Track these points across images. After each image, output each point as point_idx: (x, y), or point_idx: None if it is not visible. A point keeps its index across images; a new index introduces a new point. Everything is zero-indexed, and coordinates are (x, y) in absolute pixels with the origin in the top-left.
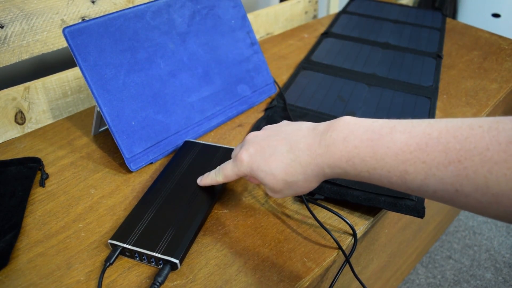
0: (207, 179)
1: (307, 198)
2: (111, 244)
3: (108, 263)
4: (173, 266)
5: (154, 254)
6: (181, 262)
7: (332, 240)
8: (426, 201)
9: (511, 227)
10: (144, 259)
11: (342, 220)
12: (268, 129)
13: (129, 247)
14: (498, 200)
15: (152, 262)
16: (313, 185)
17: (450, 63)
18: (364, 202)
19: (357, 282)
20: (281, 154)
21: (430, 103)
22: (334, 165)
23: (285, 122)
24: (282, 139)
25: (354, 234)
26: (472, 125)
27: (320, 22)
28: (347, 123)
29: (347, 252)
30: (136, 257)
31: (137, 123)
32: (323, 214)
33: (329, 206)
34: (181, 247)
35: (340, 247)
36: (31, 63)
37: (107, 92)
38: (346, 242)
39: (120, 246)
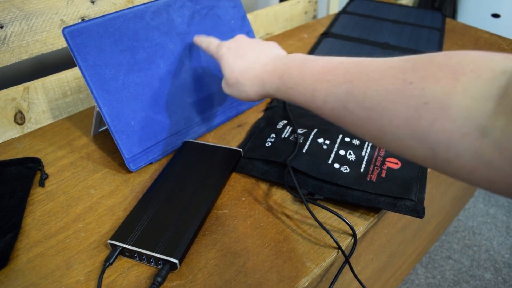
0: (201, 40)
1: (307, 198)
2: (111, 244)
3: (108, 263)
4: (173, 266)
5: (153, 254)
6: (180, 262)
7: (332, 240)
8: (425, 201)
9: (510, 227)
10: (144, 259)
11: (341, 220)
12: (256, 40)
13: (129, 247)
14: (370, 114)
15: (152, 262)
16: (253, 96)
17: None
18: (363, 203)
19: (357, 282)
20: (247, 60)
21: None
22: (272, 81)
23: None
24: (257, 50)
25: (353, 234)
26: (374, 60)
27: (319, 22)
28: (292, 55)
29: (346, 252)
30: (136, 257)
31: (136, 123)
32: (322, 214)
33: (328, 206)
34: (180, 247)
35: (339, 247)
36: (31, 63)
37: (107, 92)
38: (346, 242)
39: (120, 246)
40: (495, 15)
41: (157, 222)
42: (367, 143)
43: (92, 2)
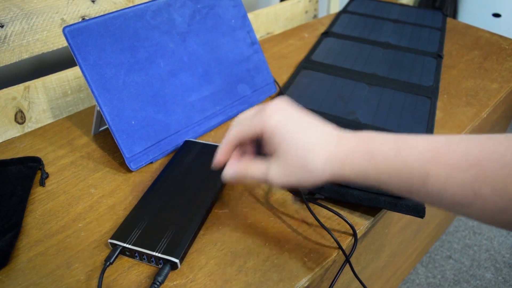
0: (223, 144)
1: (307, 198)
2: (111, 243)
3: (108, 263)
4: (173, 266)
5: (154, 253)
6: (181, 262)
7: (332, 240)
8: None
9: None
10: (144, 259)
11: (342, 220)
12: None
13: (129, 246)
14: None
15: (152, 261)
16: (320, 181)
17: (451, 63)
18: (364, 202)
19: (357, 281)
20: (314, 131)
21: (431, 103)
22: (355, 161)
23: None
24: (313, 120)
25: (354, 234)
26: (490, 136)
27: (320, 22)
28: (371, 132)
29: (347, 252)
30: (136, 256)
31: (137, 123)
32: (323, 214)
33: (329, 206)
34: (181, 246)
35: (340, 247)
36: (31, 62)
37: (107, 91)
38: (346, 241)
39: (120, 245)
40: (496, 15)
41: (157, 221)
42: None
43: (93, 1)
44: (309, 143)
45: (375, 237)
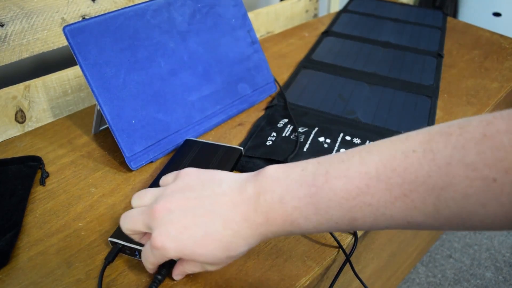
0: (148, 268)
1: None
2: (111, 242)
3: (108, 261)
4: (173, 264)
5: None
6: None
7: (333, 239)
8: None
9: None
10: None
11: None
12: (179, 192)
13: (129, 245)
14: (451, 221)
15: None
16: (254, 245)
17: (451, 62)
18: None
19: (358, 281)
20: (217, 233)
21: (431, 102)
22: (278, 231)
23: (194, 175)
24: (208, 212)
25: (354, 233)
26: (405, 152)
27: (320, 21)
28: (275, 178)
29: (347, 251)
30: (136, 255)
31: (137, 122)
32: None
33: None
34: None
35: (340, 246)
36: (31, 61)
37: (108, 90)
38: (347, 241)
39: (120, 244)
40: (496, 14)
41: None
42: (368, 141)
43: (93, 1)
44: (221, 248)
45: (375, 237)
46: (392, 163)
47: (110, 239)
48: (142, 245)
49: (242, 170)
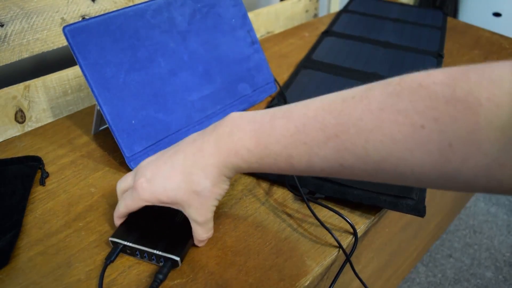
0: (115, 219)
1: (308, 197)
2: (112, 241)
3: (109, 261)
4: (174, 264)
5: (155, 251)
6: (182, 260)
7: (333, 239)
8: (426, 200)
9: (511, 226)
10: (145, 257)
11: (342, 219)
12: (158, 152)
13: (130, 244)
14: (381, 166)
15: (153, 259)
16: (223, 185)
17: (451, 62)
18: (364, 201)
19: (358, 280)
20: (179, 166)
21: None
22: (226, 162)
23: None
24: (174, 152)
25: (354, 233)
26: (345, 97)
27: (320, 21)
28: (232, 117)
29: (347, 251)
30: (137, 254)
31: (137, 122)
32: (323, 213)
33: (329, 205)
34: (182, 244)
35: (340, 246)
36: (31, 61)
37: (107, 90)
38: (347, 241)
39: (121, 243)
40: (497, 14)
41: (159, 219)
42: None
43: (93, 1)
44: (184, 180)
45: (375, 236)
46: (330, 106)
47: (111, 238)
48: (143, 244)
49: None
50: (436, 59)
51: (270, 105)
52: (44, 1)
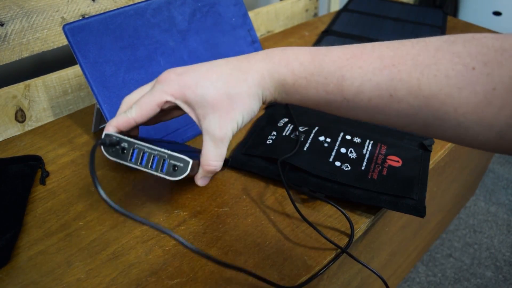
0: (110, 124)
1: (310, 194)
2: (110, 135)
3: (101, 142)
4: (182, 169)
5: (162, 150)
6: (192, 168)
7: (333, 239)
8: (426, 199)
9: (511, 226)
10: (143, 160)
11: (341, 219)
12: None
13: (129, 139)
14: (429, 102)
15: (153, 164)
16: (255, 101)
17: None
18: (364, 201)
19: (358, 280)
20: (219, 66)
21: None
22: (273, 70)
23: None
24: (213, 61)
25: (351, 227)
26: (401, 41)
27: (320, 20)
28: (280, 48)
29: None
30: (132, 158)
31: None
32: (323, 213)
33: (329, 206)
34: (191, 156)
35: (332, 242)
36: (31, 61)
37: (107, 89)
38: (347, 239)
39: (118, 137)
40: (497, 13)
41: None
42: (368, 141)
43: (93, 0)
44: (221, 80)
45: (375, 236)
46: (387, 44)
47: (105, 131)
48: (139, 140)
49: (242, 168)
50: None
51: (270, 104)
52: (44, 0)
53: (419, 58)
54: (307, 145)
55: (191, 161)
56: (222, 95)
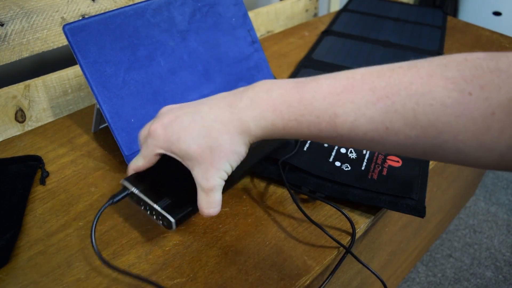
0: (129, 168)
1: (310, 194)
2: (122, 184)
3: (112, 201)
4: (169, 225)
5: (154, 206)
6: (177, 224)
7: (332, 241)
8: (426, 199)
9: (511, 226)
10: (148, 210)
11: (341, 219)
12: (184, 103)
13: (136, 192)
14: (426, 132)
15: (154, 215)
16: (240, 148)
17: None
18: (364, 201)
19: (358, 280)
20: (201, 118)
21: None
22: (259, 117)
23: (177, 106)
24: (199, 103)
25: (352, 227)
26: (391, 67)
27: (320, 20)
28: (266, 80)
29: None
30: (141, 205)
31: (136, 121)
32: (323, 213)
33: (328, 206)
34: (184, 208)
35: (337, 241)
36: (31, 61)
37: (107, 89)
38: (347, 239)
39: (129, 190)
40: (497, 13)
41: (177, 178)
42: None
43: (93, 0)
44: (202, 133)
45: (375, 236)
46: (378, 72)
47: (122, 181)
48: (147, 196)
49: None
50: None
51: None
52: (44, 1)
53: (413, 87)
54: (307, 145)
55: (173, 221)
56: (204, 149)
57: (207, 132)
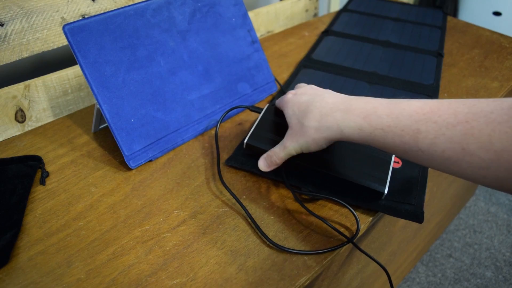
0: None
1: (310, 195)
2: (247, 144)
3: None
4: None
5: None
6: (247, 146)
7: (333, 239)
8: (426, 199)
9: (511, 226)
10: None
11: (341, 219)
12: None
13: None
14: (500, 156)
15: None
16: (320, 139)
17: (451, 61)
18: (363, 205)
19: (358, 280)
20: (311, 104)
21: None
22: (350, 120)
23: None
24: (320, 92)
25: (357, 221)
26: (478, 100)
27: (320, 20)
28: (369, 97)
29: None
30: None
31: (136, 121)
32: (324, 212)
33: (328, 206)
34: (260, 144)
35: (340, 232)
36: (31, 61)
37: (107, 89)
38: (348, 235)
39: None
40: (497, 13)
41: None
42: None
43: (93, 0)
44: (305, 113)
45: (375, 236)
46: (463, 101)
47: (246, 141)
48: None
49: (242, 168)
50: (436, 58)
51: (270, 104)
52: (44, 1)
53: (492, 116)
54: None
55: (245, 142)
56: (297, 122)
57: (308, 114)
